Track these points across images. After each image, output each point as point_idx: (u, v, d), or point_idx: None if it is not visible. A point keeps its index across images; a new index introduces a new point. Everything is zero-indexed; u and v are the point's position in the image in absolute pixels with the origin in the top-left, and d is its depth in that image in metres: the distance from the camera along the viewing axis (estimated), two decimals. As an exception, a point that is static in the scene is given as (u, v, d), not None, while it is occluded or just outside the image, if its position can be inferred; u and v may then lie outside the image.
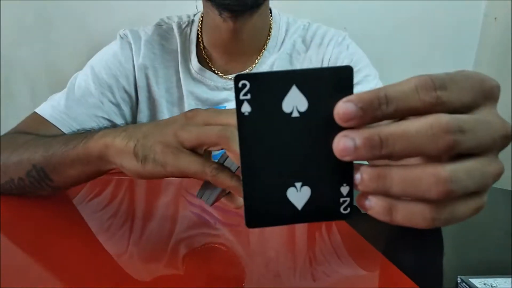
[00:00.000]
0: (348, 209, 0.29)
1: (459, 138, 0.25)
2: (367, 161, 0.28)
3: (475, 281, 0.42)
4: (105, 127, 0.52)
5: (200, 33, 0.87)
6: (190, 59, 0.86)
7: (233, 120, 0.42)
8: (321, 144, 0.27)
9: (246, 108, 0.27)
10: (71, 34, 1.51)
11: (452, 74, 0.27)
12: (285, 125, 0.27)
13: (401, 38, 1.44)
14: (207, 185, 0.44)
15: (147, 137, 0.44)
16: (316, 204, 0.29)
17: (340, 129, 0.26)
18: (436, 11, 1.43)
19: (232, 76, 0.85)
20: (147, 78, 0.85)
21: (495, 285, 0.41)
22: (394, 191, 0.26)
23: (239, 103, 0.27)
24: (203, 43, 0.86)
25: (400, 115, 0.26)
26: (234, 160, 0.40)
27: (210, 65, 0.86)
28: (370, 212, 0.28)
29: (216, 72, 0.85)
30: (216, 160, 0.43)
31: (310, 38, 0.88)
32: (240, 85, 0.26)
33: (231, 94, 0.85)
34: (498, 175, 0.28)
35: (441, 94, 0.26)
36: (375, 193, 0.27)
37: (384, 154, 0.26)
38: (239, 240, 0.51)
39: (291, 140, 0.27)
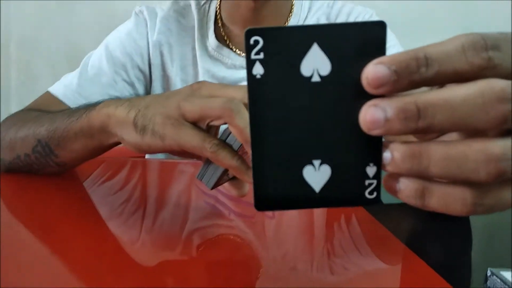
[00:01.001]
0: (375, 194, 0.25)
1: None
2: (398, 136, 0.24)
3: (507, 274, 0.40)
4: (110, 99, 0.51)
5: (218, 10, 0.84)
6: (207, 35, 0.83)
7: (240, 93, 0.39)
8: (345, 115, 0.23)
9: (258, 70, 0.23)
10: (93, 16, 1.52)
11: (507, 33, 0.22)
12: (303, 91, 0.23)
13: (426, 30, 1.39)
14: (208, 165, 0.42)
15: (149, 107, 0.43)
16: (336, 186, 0.24)
17: (369, 97, 0.22)
18: (468, 6, 1.38)
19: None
20: (161, 55, 0.83)
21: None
22: (432, 172, 0.22)
23: (250, 63, 0.23)
24: (221, 20, 0.84)
25: (442, 80, 0.22)
26: (237, 135, 0.38)
27: (228, 42, 0.84)
28: (399, 196, 0.24)
29: (234, 50, 0.83)
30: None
31: (335, 16, 0.85)
32: (252, 41, 0.23)
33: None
34: None
35: (493, 55, 0.21)
36: (408, 174, 0.23)
37: (421, 127, 0.21)
38: (254, 231, 0.49)
39: (310, 109, 0.23)
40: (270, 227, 0.51)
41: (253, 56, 0.23)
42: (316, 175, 0.24)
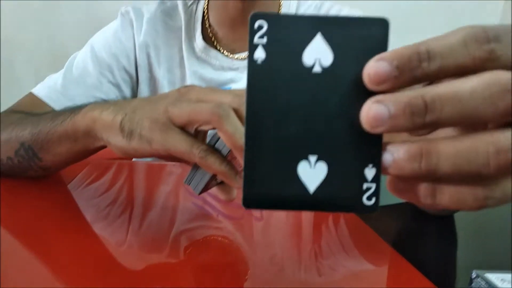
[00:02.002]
0: (373, 200, 0.23)
1: None
2: (399, 132, 0.23)
3: (491, 276, 0.40)
4: (95, 102, 0.50)
5: (206, 11, 0.84)
6: (194, 37, 0.83)
7: (229, 98, 0.39)
8: (346, 110, 0.22)
9: (260, 54, 0.22)
10: (76, 16, 1.50)
11: (507, 25, 0.22)
12: (303, 81, 0.22)
13: (419, 23, 1.40)
14: (196, 170, 0.41)
15: (136, 111, 0.42)
16: (332, 188, 0.23)
17: (370, 94, 0.21)
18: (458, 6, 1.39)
19: (239, 55, 0.82)
20: (148, 57, 0.82)
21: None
22: (441, 170, 0.21)
23: (252, 47, 0.22)
24: (209, 21, 0.84)
25: (445, 74, 0.22)
26: (225, 141, 0.38)
27: (215, 44, 0.83)
28: (407, 196, 0.23)
29: (222, 51, 0.82)
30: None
31: None
32: (256, 26, 0.22)
33: (238, 75, 0.82)
34: None
35: (495, 47, 0.21)
36: (413, 175, 0.22)
37: (428, 122, 0.21)
38: (243, 233, 0.49)
39: (309, 100, 0.22)
40: (258, 229, 0.50)
41: (256, 40, 0.22)
42: (311, 173, 0.23)
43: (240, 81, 0.82)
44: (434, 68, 0.21)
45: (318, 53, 0.22)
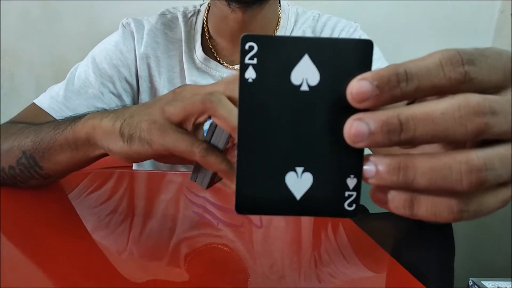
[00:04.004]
0: (354, 206, 0.25)
1: (490, 121, 0.22)
2: (377, 149, 0.25)
3: (487, 283, 0.40)
4: (95, 111, 0.50)
5: (206, 23, 0.85)
6: (194, 48, 0.84)
7: (221, 87, 0.39)
8: (330, 126, 0.24)
9: (250, 74, 0.24)
10: (77, 27, 1.50)
11: (481, 49, 0.23)
12: (292, 98, 0.24)
13: (414, 33, 1.41)
14: (199, 166, 0.42)
15: (134, 116, 0.42)
16: (317, 195, 0.25)
17: (354, 111, 0.23)
18: (452, 7, 1.40)
19: (239, 66, 0.83)
20: (149, 68, 0.83)
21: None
22: (418, 184, 0.23)
23: (243, 67, 0.24)
24: (208, 33, 0.84)
25: (422, 94, 0.23)
26: (222, 125, 0.37)
27: (215, 55, 0.84)
28: (388, 206, 0.25)
29: (222, 62, 0.83)
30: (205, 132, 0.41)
31: (320, 29, 0.86)
32: (247, 47, 0.24)
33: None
34: None
35: (469, 70, 0.22)
36: (392, 187, 0.24)
37: (403, 139, 0.22)
38: (243, 241, 0.49)
39: (297, 117, 0.24)
40: (258, 237, 0.51)
41: (246, 61, 0.24)
42: (298, 182, 0.25)
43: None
44: (411, 88, 0.23)
45: (305, 73, 0.24)
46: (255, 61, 0.24)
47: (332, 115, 0.24)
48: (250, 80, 0.24)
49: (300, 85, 0.24)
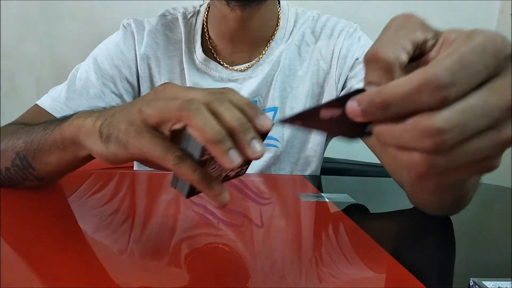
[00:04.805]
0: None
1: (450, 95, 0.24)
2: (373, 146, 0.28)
3: (488, 283, 0.40)
4: (83, 110, 0.50)
5: (205, 24, 0.85)
6: (194, 49, 0.84)
7: (201, 95, 0.38)
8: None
9: None
10: (77, 28, 1.50)
11: (464, 53, 0.24)
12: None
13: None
14: None
15: (114, 115, 0.41)
16: None
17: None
18: (451, 7, 1.40)
19: (238, 67, 0.83)
20: (149, 68, 0.83)
21: (509, 288, 0.39)
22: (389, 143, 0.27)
23: None
24: (208, 34, 0.85)
25: (405, 115, 0.25)
26: (197, 136, 0.35)
27: (215, 56, 0.84)
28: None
29: (222, 63, 0.84)
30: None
31: (320, 29, 0.86)
32: None
33: (236, 86, 0.83)
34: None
35: (448, 93, 0.23)
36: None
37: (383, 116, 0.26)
38: (243, 240, 0.49)
39: None
40: (259, 236, 0.51)
41: None
42: None
43: (239, 92, 0.82)
44: (391, 114, 0.26)
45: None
46: None
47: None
48: None
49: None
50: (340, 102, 0.28)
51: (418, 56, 0.29)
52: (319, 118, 0.29)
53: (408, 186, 0.61)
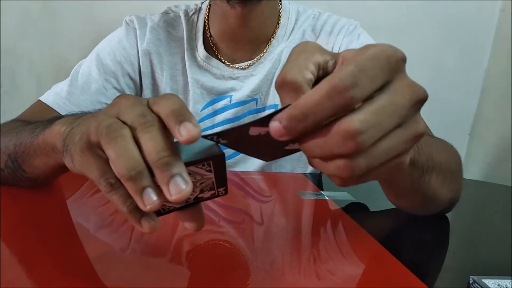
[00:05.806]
0: None
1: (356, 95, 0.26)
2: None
3: (488, 281, 0.40)
4: (69, 114, 0.48)
5: (207, 21, 0.85)
6: (196, 46, 0.84)
7: (133, 116, 0.33)
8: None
9: None
10: (77, 25, 1.50)
11: (360, 61, 0.27)
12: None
13: (415, 33, 1.40)
14: None
15: (80, 124, 0.37)
16: None
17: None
18: (452, 6, 1.40)
19: (240, 65, 0.83)
20: (151, 64, 0.84)
21: (509, 286, 0.40)
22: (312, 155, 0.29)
23: None
24: (210, 32, 0.85)
25: (326, 121, 0.27)
26: (112, 168, 0.31)
27: (217, 53, 0.84)
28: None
29: (223, 60, 0.84)
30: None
31: (320, 27, 0.86)
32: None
33: (238, 83, 0.83)
34: (416, 99, 0.29)
35: (354, 94, 0.26)
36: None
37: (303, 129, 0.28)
38: (244, 238, 0.49)
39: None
40: (259, 234, 0.51)
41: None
42: None
43: (240, 89, 0.83)
44: (311, 124, 0.27)
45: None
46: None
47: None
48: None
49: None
50: (262, 122, 0.29)
51: (323, 76, 0.31)
52: (244, 138, 0.30)
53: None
